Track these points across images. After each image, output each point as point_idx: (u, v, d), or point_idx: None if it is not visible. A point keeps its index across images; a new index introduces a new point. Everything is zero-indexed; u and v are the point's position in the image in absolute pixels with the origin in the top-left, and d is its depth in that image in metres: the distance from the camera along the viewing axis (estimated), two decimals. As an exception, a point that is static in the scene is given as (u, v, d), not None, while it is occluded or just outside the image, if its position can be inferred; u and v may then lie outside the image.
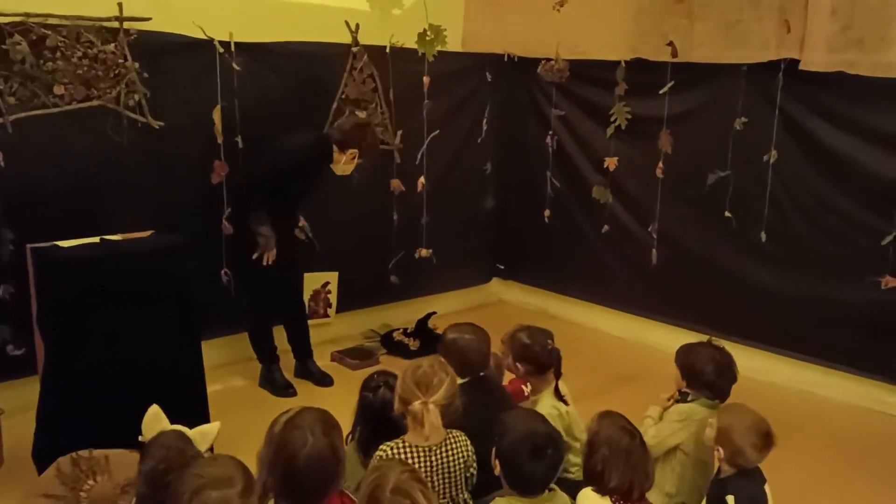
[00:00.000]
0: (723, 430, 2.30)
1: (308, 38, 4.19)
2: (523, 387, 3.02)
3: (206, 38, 3.70)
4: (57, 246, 2.77)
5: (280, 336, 4.15)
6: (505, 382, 3.08)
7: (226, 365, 4.15)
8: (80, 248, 2.75)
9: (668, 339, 4.44)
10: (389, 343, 4.57)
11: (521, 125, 5.19)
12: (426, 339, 4.56)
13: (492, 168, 5.26)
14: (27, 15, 3.26)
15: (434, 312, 4.75)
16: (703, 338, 3.93)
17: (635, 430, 2.17)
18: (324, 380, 4.12)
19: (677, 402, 2.65)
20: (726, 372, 2.60)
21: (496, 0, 4.96)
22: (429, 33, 4.00)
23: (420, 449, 2.25)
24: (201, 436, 2.11)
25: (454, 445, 2.32)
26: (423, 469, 2.20)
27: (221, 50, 3.60)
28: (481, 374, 2.70)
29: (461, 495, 2.35)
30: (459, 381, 2.55)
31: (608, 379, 4.14)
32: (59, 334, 2.67)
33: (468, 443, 2.36)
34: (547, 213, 5.07)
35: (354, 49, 4.35)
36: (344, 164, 3.83)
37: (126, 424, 2.24)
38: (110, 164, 3.57)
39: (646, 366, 4.26)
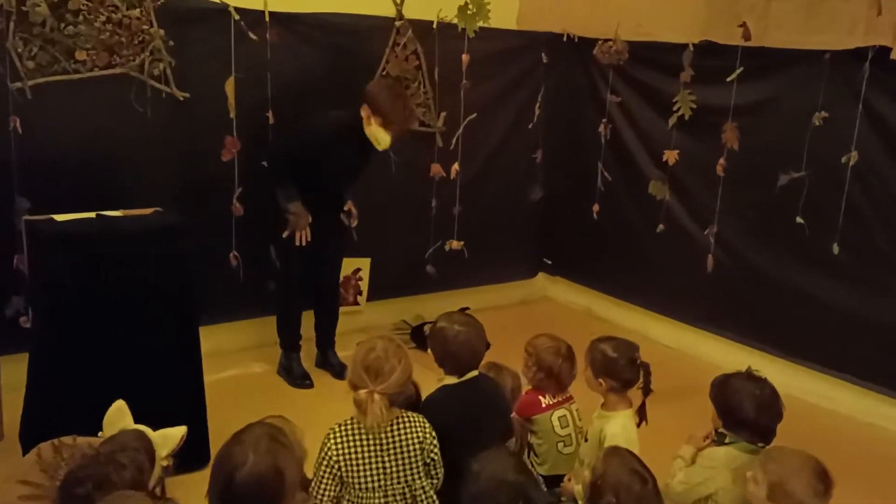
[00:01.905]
0: (776, 485, 1.93)
1: (349, 9, 3.95)
2: (541, 398, 2.75)
3: (220, 4, 3.48)
4: (52, 219, 2.63)
5: (307, 322, 3.96)
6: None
7: (248, 349, 4.02)
8: (75, 224, 2.60)
9: (721, 353, 4.11)
10: (419, 336, 4.32)
11: (576, 111, 4.83)
12: (458, 334, 4.30)
13: (542, 156, 4.93)
14: (49, -25, 3.13)
15: (467, 308, 4.46)
16: (760, 355, 3.58)
17: (648, 475, 1.85)
18: (342, 372, 3.86)
19: (714, 442, 2.31)
20: (769, 410, 2.23)
21: (555, -26, 4.62)
22: (470, 6, 3.69)
23: (368, 430, 2.14)
24: (163, 439, 1.93)
25: (407, 426, 2.18)
26: (371, 449, 2.13)
27: (237, 17, 3.39)
28: (473, 375, 2.43)
29: (418, 482, 2.19)
30: (448, 379, 2.38)
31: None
32: (48, 312, 2.55)
33: (426, 425, 2.21)
34: (596, 207, 4.70)
35: (398, 23, 4.10)
36: (375, 129, 3.48)
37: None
38: (130, 135, 3.43)
39: (695, 381, 3.84)
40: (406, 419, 2.21)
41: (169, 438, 1.95)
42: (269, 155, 3.66)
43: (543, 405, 2.73)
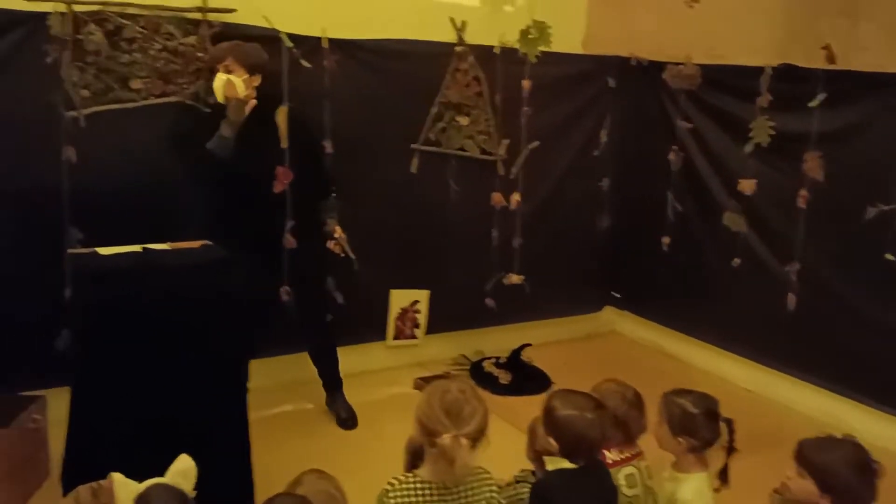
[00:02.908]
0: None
1: (409, 35, 3.86)
2: (606, 451, 2.50)
3: (273, 30, 3.39)
4: (95, 253, 2.56)
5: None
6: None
7: (302, 384, 3.84)
8: (119, 258, 2.52)
9: (803, 398, 3.82)
10: (478, 373, 4.14)
11: (644, 138, 4.59)
12: (519, 372, 4.11)
13: (609, 184, 4.70)
14: (104, 3, 3.11)
15: (528, 344, 4.27)
16: (847, 402, 3.25)
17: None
18: (346, 421, 3.59)
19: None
20: (867, 473, 1.95)
21: (624, -3, 4.42)
22: (532, 31, 3.53)
23: (434, 488, 1.90)
24: (182, 476, 1.80)
25: (477, 488, 1.96)
26: None
27: (290, 44, 3.31)
28: (591, 462, 2.17)
29: None
30: (559, 462, 2.11)
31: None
32: (89, 347, 2.46)
33: (494, 486, 1.99)
34: (666, 239, 4.43)
35: (459, 49, 3.97)
36: (217, 80, 3.06)
37: (158, 452, 1.99)
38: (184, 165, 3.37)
39: (777, 429, 3.58)
40: (477, 479, 1.99)
41: (186, 472, 1.83)
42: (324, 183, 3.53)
43: (609, 461, 2.48)
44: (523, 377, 4.08)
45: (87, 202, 3.16)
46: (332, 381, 3.65)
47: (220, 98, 3.07)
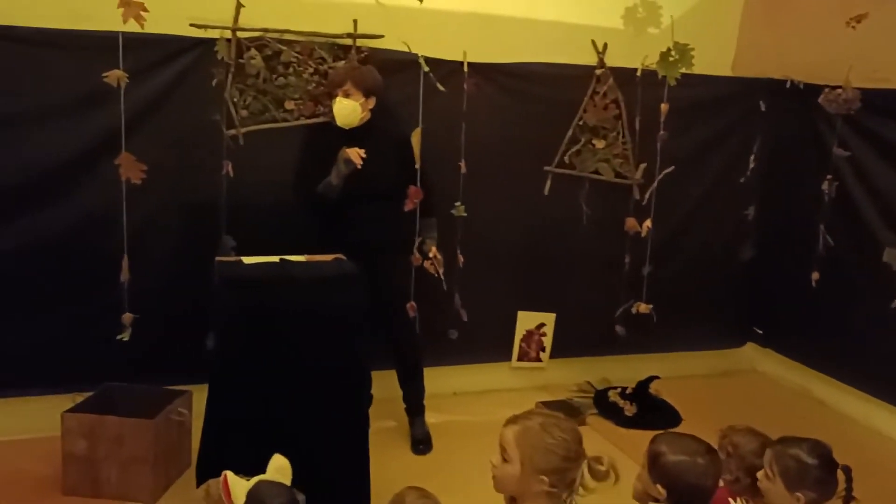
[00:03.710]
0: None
1: (549, 58, 3.88)
2: (731, 500, 2.37)
3: (414, 54, 3.51)
4: (240, 261, 2.77)
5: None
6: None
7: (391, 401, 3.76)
8: (259, 267, 2.71)
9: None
10: (603, 402, 4.04)
11: (796, 165, 4.32)
12: (645, 405, 3.97)
13: (755, 213, 4.47)
14: (265, 30, 3.36)
15: (657, 377, 4.11)
16: None
17: None
18: (420, 446, 3.51)
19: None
20: None
21: (778, 16, 4.19)
22: (673, 53, 3.43)
23: None
24: (279, 472, 1.90)
25: None
26: None
27: (426, 68, 3.42)
28: None
29: None
30: None
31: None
32: (225, 350, 2.65)
33: None
34: (815, 275, 4.13)
35: (598, 71, 3.94)
36: (338, 104, 3.22)
37: (285, 449, 2.16)
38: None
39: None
40: None
41: (283, 469, 1.92)
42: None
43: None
44: (650, 410, 3.94)
45: (240, 213, 3.41)
46: (414, 406, 3.60)
47: (339, 122, 3.24)
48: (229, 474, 1.91)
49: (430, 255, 3.51)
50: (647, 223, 3.94)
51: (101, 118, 3.11)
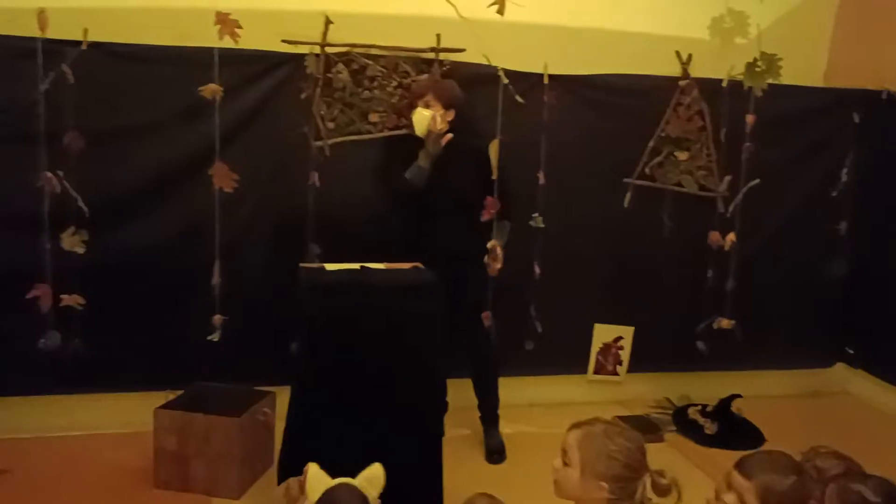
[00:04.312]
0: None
1: (632, 70, 3.86)
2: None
3: (494, 67, 3.51)
4: (323, 268, 2.86)
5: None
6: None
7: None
8: (341, 274, 2.80)
9: None
10: (682, 420, 3.96)
11: (892, 179, 4.14)
12: (726, 424, 3.87)
13: (848, 228, 4.29)
14: (352, 46, 3.47)
15: (739, 395, 4.00)
16: None
17: None
18: (494, 456, 3.51)
19: None
20: None
21: (874, 24, 4.04)
22: (759, 63, 3.35)
23: None
24: (368, 482, 1.93)
25: None
26: None
27: (506, 80, 3.45)
28: None
29: None
30: None
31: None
32: (307, 352, 2.75)
33: None
34: (913, 295, 3.95)
35: (682, 83, 3.89)
36: (417, 114, 3.29)
37: (361, 452, 2.17)
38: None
39: None
40: None
41: (374, 479, 1.95)
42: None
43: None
44: (732, 430, 3.84)
45: (325, 222, 3.53)
46: (488, 415, 3.61)
47: (419, 131, 3.30)
48: (313, 466, 1.95)
49: (489, 246, 3.39)
50: (731, 237, 3.84)
51: (199, 130, 3.29)
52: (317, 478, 1.93)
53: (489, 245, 3.38)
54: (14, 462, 3.15)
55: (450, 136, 3.29)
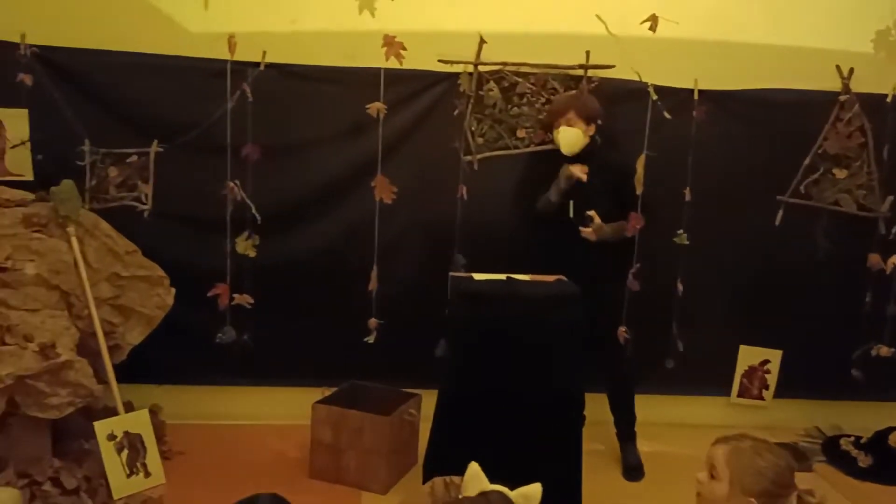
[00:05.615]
0: None
1: (787, 84, 3.75)
2: None
3: (643, 83, 3.56)
4: (471, 278, 2.98)
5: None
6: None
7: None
8: (488, 283, 2.91)
9: None
10: (833, 450, 3.78)
11: None
12: (883, 457, 3.65)
13: None
14: (504, 64, 3.60)
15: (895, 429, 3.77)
16: None
17: None
18: (632, 472, 3.49)
19: None
20: None
21: None
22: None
23: None
24: (524, 499, 2.00)
25: None
26: None
27: (655, 97, 3.44)
28: None
29: None
30: None
31: None
32: (455, 357, 2.87)
33: None
34: None
35: (843, 97, 3.74)
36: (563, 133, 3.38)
37: (503, 459, 2.21)
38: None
39: None
40: None
41: (530, 498, 2.01)
42: None
43: None
44: (888, 464, 3.62)
45: (471, 233, 3.66)
46: (625, 432, 3.60)
47: (565, 150, 3.39)
48: (475, 465, 2.04)
49: (589, 213, 3.34)
50: (894, 259, 3.63)
51: (362, 145, 3.54)
52: (476, 477, 2.02)
53: (589, 213, 3.34)
54: (190, 445, 3.47)
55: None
